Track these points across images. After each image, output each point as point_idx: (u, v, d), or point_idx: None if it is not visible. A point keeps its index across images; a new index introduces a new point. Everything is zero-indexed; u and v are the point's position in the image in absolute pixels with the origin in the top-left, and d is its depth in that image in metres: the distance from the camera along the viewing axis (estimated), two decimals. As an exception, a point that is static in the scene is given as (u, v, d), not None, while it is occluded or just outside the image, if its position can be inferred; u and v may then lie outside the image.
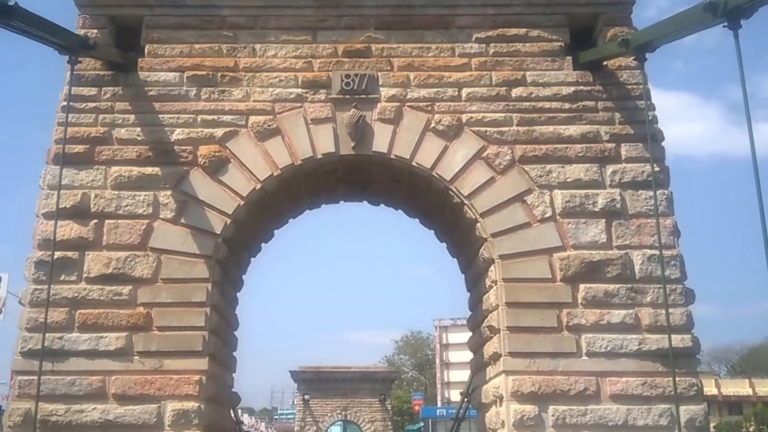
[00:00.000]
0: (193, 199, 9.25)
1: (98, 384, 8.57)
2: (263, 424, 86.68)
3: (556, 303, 8.90)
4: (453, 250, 11.40)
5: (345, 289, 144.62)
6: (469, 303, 11.11)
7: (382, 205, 11.57)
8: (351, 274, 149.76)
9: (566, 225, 9.19)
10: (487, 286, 9.51)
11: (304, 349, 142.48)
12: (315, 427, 43.15)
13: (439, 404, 62.72)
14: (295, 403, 47.44)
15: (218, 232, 9.17)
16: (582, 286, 8.96)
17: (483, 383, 10.01)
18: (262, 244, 11.38)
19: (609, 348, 8.75)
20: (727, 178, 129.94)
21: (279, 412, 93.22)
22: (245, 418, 68.49)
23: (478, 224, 9.33)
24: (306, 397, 43.24)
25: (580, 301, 8.91)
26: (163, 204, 9.20)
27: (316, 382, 43.40)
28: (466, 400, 12.98)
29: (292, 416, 60.25)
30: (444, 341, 77.80)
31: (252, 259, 11.30)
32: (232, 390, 10.72)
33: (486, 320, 9.51)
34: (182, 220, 9.17)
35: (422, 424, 53.57)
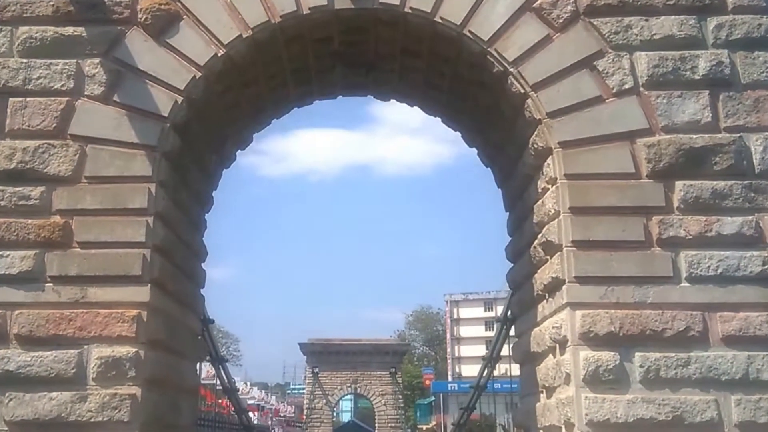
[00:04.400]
0: (131, 70, 6.76)
1: (-6, 321, 6.14)
2: (274, 398, 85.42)
3: (643, 207, 6.42)
4: (487, 153, 8.67)
5: (357, 267, 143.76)
6: (508, 226, 8.48)
7: (393, 100, 8.88)
8: (363, 252, 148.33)
9: (654, 99, 6.63)
10: (540, 189, 6.88)
11: (318, 326, 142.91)
12: (324, 400, 41.99)
13: (449, 379, 61.25)
14: (306, 376, 45.95)
15: (165, 114, 6.67)
16: (679, 184, 6.45)
17: (532, 326, 7.39)
18: (237, 151, 8.72)
19: (720, 270, 6.27)
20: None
21: (291, 387, 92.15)
22: (254, 392, 66.89)
23: (529, 101, 6.71)
24: (315, 369, 42.48)
25: (676, 204, 6.42)
26: (89, 76, 6.74)
27: (325, 355, 42.58)
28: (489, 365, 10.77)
29: (303, 391, 59.07)
30: (455, 316, 76.00)
31: (224, 170, 8.68)
32: (198, 337, 8.17)
33: (539, 236, 6.88)
34: (115, 98, 6.71)
35: (433, 398, 51.91)
